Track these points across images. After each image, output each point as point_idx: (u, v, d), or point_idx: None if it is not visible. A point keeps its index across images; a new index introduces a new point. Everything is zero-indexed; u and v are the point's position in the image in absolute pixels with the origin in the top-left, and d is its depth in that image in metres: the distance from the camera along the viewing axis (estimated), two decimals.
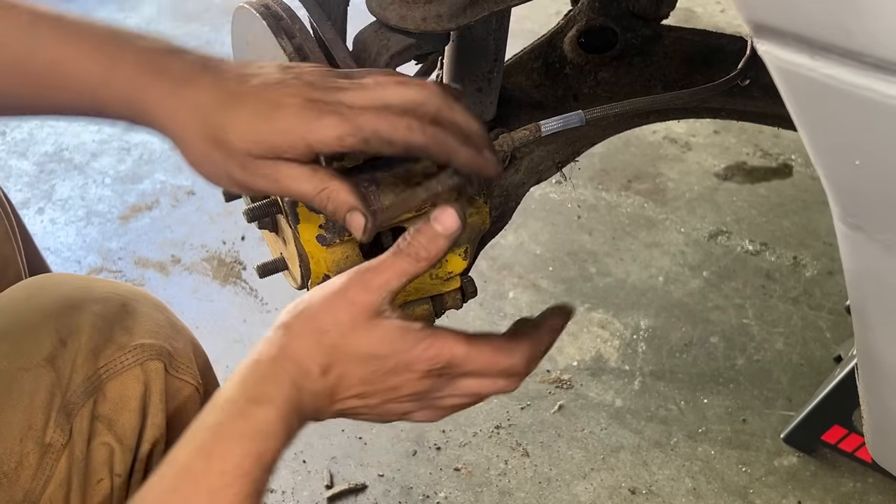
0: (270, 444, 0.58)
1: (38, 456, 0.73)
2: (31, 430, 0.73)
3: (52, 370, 0.75)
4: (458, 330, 0.64)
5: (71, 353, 0.76)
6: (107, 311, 0.79)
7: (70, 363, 0.76)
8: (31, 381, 0.74)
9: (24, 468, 0.73)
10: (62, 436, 0.74)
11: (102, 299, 0.80)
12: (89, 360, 0.76)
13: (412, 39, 0.81)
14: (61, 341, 0.76)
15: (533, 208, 2.01)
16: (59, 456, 0.74)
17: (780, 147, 2.18)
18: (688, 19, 2.66)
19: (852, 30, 0.44)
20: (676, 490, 1.45)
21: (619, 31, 1.12)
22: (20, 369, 0.74)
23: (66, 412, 0.75)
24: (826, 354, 1.65)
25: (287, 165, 0.61)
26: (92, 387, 0.76)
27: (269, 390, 0.59)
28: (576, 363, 1.66)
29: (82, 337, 0.77)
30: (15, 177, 2.18)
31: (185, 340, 0.84)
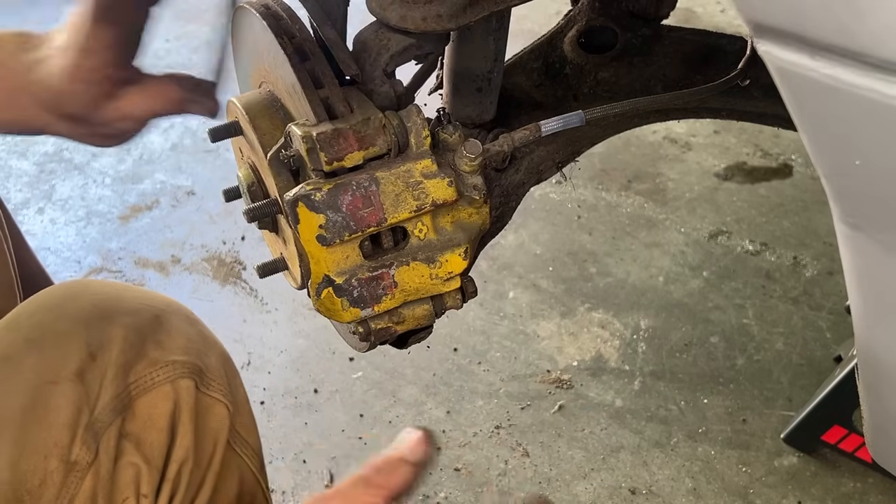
0: None
1: (62, 474, 0.71)
2: (57, 448, 0.71)
3: (81, 385, 0.73)
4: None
5: (100, 367, 0.74)
6: (138, 324, 0.77)
7: (99, 379, 0.74)
8: (58, 395, 0.72)
9: (47, 486, 0.71)
10: (88, 454, 0.72)
11: (134, 311, 0.78)
12: (119, 376, 0.74)
13: (412, 39, 0.81)
14: (91, 355, 0.74)
15: (533, 208, 2.01)
16: (84, 474, 0.72)
17: (780, 147, 2.18)
18: (688, 19, 2.66)
19: (852, 30, 0.44)
20: (676, 490, 1.45)
21: (619, 31, 1.12)
22: (48, 383, 0.72)
23: (94, 431, 0.73)
24: (826, 354, 1.65)
25: (124, 97, 0.72)
26: (121, 405, 0.75)
27: None
28: (576, 363, 1.66)
29: (113, 351, 0.75)
30: (15, 177, 2.18)
31: (217, 355, 0.82)
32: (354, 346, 0.88)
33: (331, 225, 0.73)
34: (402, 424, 1.55)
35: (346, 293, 0.77)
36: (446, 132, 0.79)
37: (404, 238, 0.78)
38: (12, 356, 0.73)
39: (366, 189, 0.73)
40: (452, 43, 0.99)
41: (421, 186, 0.75)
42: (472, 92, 1.02)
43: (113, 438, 0.74)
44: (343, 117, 0.75)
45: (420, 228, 0.78)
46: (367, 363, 1.67)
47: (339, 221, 0.73)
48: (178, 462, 0.77)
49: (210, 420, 0.80)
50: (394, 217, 0.75)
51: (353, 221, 0.73)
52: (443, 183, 0.75)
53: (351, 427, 1.55)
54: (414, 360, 1.66)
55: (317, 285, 0.77)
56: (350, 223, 0.73)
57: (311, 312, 1.74)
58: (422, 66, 1.08)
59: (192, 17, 2.91)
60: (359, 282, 0.77)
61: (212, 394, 0.80)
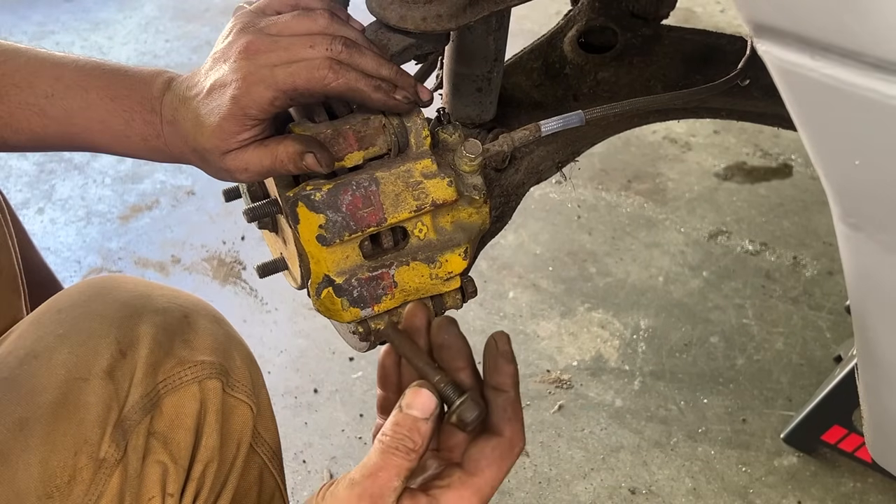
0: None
1: (91, 471, 0.71)
2: (87, 445, 0.71)
3: (111, 382, 0.73)
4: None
5: (130, 365, 0.74)
6: (167, 323, 0.77)
7: (129, 376, 0.74)
8: (88, 392, 0.72)
9: (77, 483, 0.70)
10: (117, 452, 0.72)
11: (163, 310, 0.78)
12: (149, 374, 0.75)
13: (412, 39, 0.81)
14: (121, 352, 0.74)
15: (533, 208, 2.01)
16: (112, 472, 0.72)
17: (780, 147, 2.18)
18: (688, 19, 2.67)
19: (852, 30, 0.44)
20: (676, 490, 1.45)
21: (619, 31, 1.12)
22: (78, 379, 0.72)
23: (123, 429, 0.73)
24: (826, 354, 1.65)
25: (246, 153, 0.72)
26: (150, 403, 0.75)
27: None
28: (576, 363, 1.66)
29: (142, 349, 0.75)
30: (15, 177, 2.18)
31: (243, 356, 0.82)
32: (354, 346, 0.89)
33: (331, 225, 0.73)
34: None
35: (346, 293, 0.77)
36: (446, 132, 0.79)
37: (404, 238, 0.78)
38: (42, 352, 0.73)
39: (366, 189, 0.73)
40: (452, 43, 0.99)
41: (421, 186, 0.75)
42: (472, 92, 1.02)
43: (142, 437, 0.74)
44: (343, 117, 0.75)
45: (420, 228, 0.78)
46: (367, 363, 1.67)
47: (339, 221, 0.73)
48: (204, 462, 0.78)
49: (234, 421, 0.81)
50: (394, 217, 0.75)
51: (353, 221, 0.74)
52: (443, 183, 0.75)
53: (351, 427, 1.55)
54: None
55: (317, 285, 0.77)
56: (350, 223, 0.73)
57: (311, 312, 1.74)
58: (422, 66, 1.08)
59: (192, 17, 2.91)
60: (359, 282, 0.77)
61: (237, 395, 0.80)
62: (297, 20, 0.73)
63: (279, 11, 0.75)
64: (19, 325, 0.79)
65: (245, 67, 0.70)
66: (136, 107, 0.75)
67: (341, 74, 0.70)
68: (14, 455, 0.69)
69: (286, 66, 0.70)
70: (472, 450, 0.62)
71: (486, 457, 0.62)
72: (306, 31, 0.73)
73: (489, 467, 0.62)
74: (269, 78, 0.69)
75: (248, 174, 0.73)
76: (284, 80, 0.69)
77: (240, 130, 0.71)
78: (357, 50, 0.73)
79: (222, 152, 0.72)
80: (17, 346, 0.75)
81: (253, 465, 0.84)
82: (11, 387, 0.72)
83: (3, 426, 0.70)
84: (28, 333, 0.76)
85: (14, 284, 0.89)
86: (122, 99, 0.75)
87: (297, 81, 0.69)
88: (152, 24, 2.85)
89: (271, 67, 0.70)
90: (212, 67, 0.73)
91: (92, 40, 2.78)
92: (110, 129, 0.76)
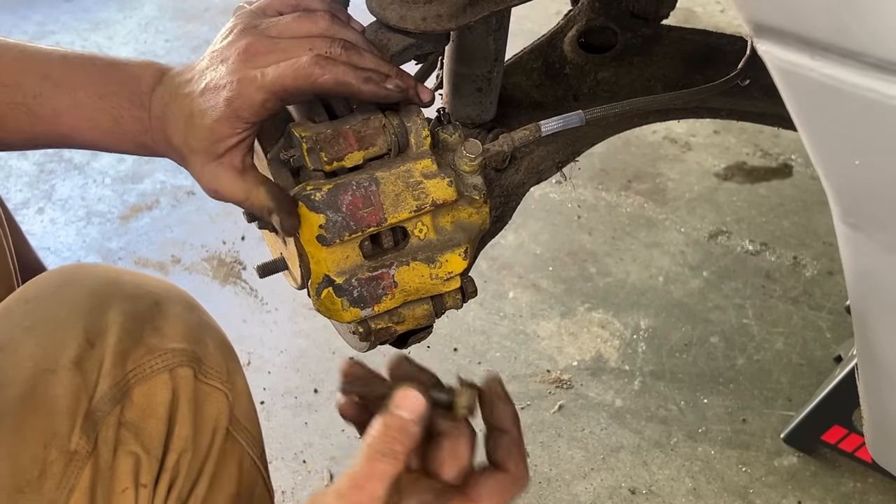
0: None
1: (62, 464, 0.70)
2: (56, 437, 0.70)
3: (79, 373, 0.72)
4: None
5: (98, 355, 0.73)
6: (137, 311, 0.76)
7: (97, 366, 0.73)
8: (56, 385, 0.71)
9: (47, 477, 0.69)
10: (87, 444, 0.71)
11: (132, 297, 0.77)
12: (118, 364, 0.74)
13: (412, 39, 0.81)
14: (89, 342, 0.73)
15: (533, 208, 2.01)
16: (83, 464, 0.71)
17: (780, 147, 2.18)
18: (688, 19, 2.67)
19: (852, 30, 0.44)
20: (676, 490, 1.45)
21: (619, 31, 1.12)
22: (46, 371, 0.71)
23: (93, 420, 0.72)
24: (826, 354, 1.65)
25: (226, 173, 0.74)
26: (119, 393, 0.74)
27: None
28: (576, 363, 1.66)
29: (110, 338, 0.74)
30: (15, 177, 2.18)
31: (216, 342, 0.82)
32: (354, 346, 0.88)
33: (331, 225, 0.73)
34: None
35: (346, 293, 0.77)
36: (446, 132, 0.79)
37: (404, 238, 0.78)
38: (7, 345, 0.72)
39: (366, 189, 0.73)
40: (452, 43, 0.99)
41: (421, 186, 0.75)
42: (472, 92, 1.02)
43: (112, 428, 0.73)
44: (343, 117, 0.75)
45: (420, 228, 0.78)
46: (367, 363, 1.66)
47: (339, 221, 0.73)
48: (177, 452, 0.77)
49: (208, 409, 0.80)
50: (394, 217, 0.75)
51: (353, 221, 0.74)
52: (443, 183, 0.75)
53: (351, 427, 1.55)
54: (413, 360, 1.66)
55: (317, 285, 0.77)
56: (350, 223, 0.73)
57: (311, 312, 1.74)
58: (422, 66, 1.08)
59: (192, 17, 2.91)
60: (359, 282, 0.77)
61: (210, 382, 0.80)
62: (297, 22, 0.73)
63: (281, 12, 0.75)
64: None
65: (241, 70, 0.70)
66: (124, 104, 0.75)
67: (328, 69, 0.70)
68: None
69: (276, 67, 0.70)
70: (478, 478, 0.62)
71: (490, 487, 0.62)
72: (306, 33, 0.73)
73: (490, 497, 0.62)
74: (259, 79, 0.69)
75: (217, 196, 0.75)
76: (273, 81, 0.69)
77: (231, 134, 0.71)
78: (356, 52, 0.72)
79: (210, 155, 0.72)
80: None
81: (232, 452, 0.83)
82: None
83: None
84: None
85: (9, 284, 0.89)
86: (110, 96, 0.75)
87: (285, 81, 0.69)
88: (152, 24, 2.85)
89: (263, 69, 0.70)
90: (209, 66, 0.73)
91: (92, 40, 2.78)
92: (99, 126, 0.75)
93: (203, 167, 0.74)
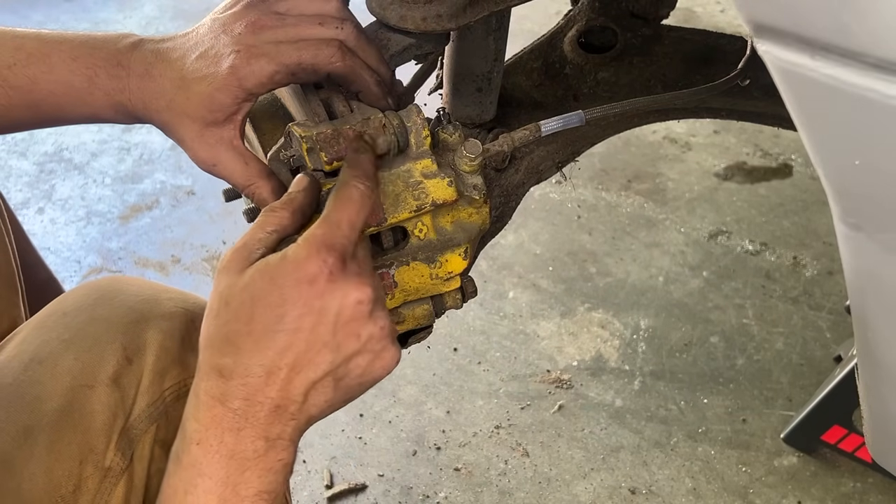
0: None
1: (97, 480, 0.70)
2: (92, 453, 0.71)
3: (117, 390, 0.72)
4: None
5: (136, 372, 0.74)
6: (174, 329, 0.77)
7: (135, 384, 0.73)
8: (94, 400, 0.71)
9: (82, 493, 0.70)
10: (122, 461, 0.72)
11: (170, 315, 0.77)
12: (155, 382, 0.74)
13: (412, 39, 0.81)
14: (127, 359, 0.74)
15: (533, 208, 2.01)
16: (117, 481, 0.71)
17: (780, 147, 2.18)
18: (688, 19, 2.66)
19: (852, 30, 0.44)
20: (676, 490, 1.45)
21: (619, 31, 1.12)
22: (84, 386, 0.72)
23: (129, 437, 0.72)
24: (826, 354, 1.65)
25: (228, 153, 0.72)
26: (157, 412, 0.74)
27: None
28: (576, 363, 1.66)
29: (149, 356, 0.74)
30: (15, 177, 2.18)
31: None
32: None
33: None
34: (403, 424, 1.55)
35: None
36: (446, 132, 0.79)
37: (404, 238, 0.78)
38: (46, 358, 0.72)
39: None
40: (452, 43, 0.99)
41: (421, 186, 0.75)
42: (472, 92, 1.02)
43: (147, 446, 0.73)
44: (343, 117, 0.75)
45: (420, 228, 0.77)
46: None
47: None
48: None
49: None
50: (394, 217, 0.75)
51: None
52: (443, 183, 0.75)
53: (351, 427, 1.55)
54: (414, 360, 1.66)
55: None
56: None
57: None
58: (422, 66, 1.08)
59: (193, 17, 2.91)
60: None
61: None
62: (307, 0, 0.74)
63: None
64: (22, 327, 0.78)
65: (248, 41, 0.70)
66: (99, 63, 0.73)
67: (348, 58, 0.71)
68: (19, 464, 0.68)
69: (293, 43, 0.70)
70: None
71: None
72: (317, 11, 0.73)
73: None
74: (272, 52, 0.70)
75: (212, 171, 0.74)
76: (289, 55, 0.69)
77: (232, 102, 0.70)
78: (365, 38, 0.74)
79: (203, 123, 0.71)
80: (22, 350, 0.74)
81: None
82: (16, 393, 0.71)
83: (7, 434, 0.69)
84: (32, 337, 0.75)
85: (11, 281, 0.89)
86: (84, 58, 0.73)
87: (303, 57, 0.70)
88: (152, 24, 2.85)
89: (276, 43, 0.70)
90: (209, 34, 0.72)
91: None
92: (73, 88, 0.73)
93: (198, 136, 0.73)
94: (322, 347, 0.61)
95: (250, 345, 0.60)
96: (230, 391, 0.60)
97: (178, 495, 0.61)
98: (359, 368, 0.63)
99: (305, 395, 0.62)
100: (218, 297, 0.62)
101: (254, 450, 0.61)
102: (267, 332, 0.60)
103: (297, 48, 0.70)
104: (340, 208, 0.63)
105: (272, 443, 0.62)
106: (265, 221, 0.64)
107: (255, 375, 0.60)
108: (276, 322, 0.59)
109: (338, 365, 0.62)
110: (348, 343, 0.62)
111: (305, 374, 0.61)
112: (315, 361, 0.61)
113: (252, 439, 0.61)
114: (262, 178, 0.74)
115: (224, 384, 0.60)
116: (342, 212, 0.63)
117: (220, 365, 0.60)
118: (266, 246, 0.63)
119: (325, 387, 0.63)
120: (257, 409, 0.60)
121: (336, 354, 0.61)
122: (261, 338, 0.60)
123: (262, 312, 0.60)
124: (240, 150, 0.73)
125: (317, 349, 0.61)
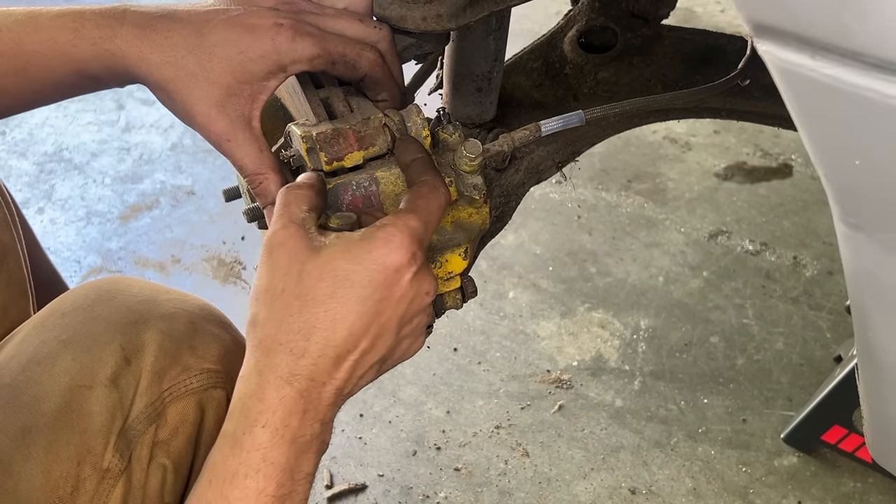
0: None
1: (95, 481, 0.70)
2: (90, 454, 0.70)
3: (115, 391, 0.72)
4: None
5: (135, 373, 0.73)
6: (173, 330, 0.76)
7: (133, 385, 0.73)
8: (92, 401, 0.71)
9: (80, 493, 0.70)
10: (121, 462, 0.71)
11: (169, 315, 0.77)
12: (154, 383, 0.73)
13: (412, 39, 0.81)
14: (126, 360, 0.73)
15: (533, 208, 2.01)
16: (115, 482, 0.71)
17: (780, 147, 2.18)
18: (688, 19, 2.66)
19: (853, 30, 0.44)
20: (676, 490, 1.45)
21: (619, 31, 1.12)
22: (82, 387, 0.71)
23: (127, 438, 0.72)
24: (826, 354, 1.65)
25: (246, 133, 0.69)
26: (155, 413, 0.74)
27: None
28: (576, 363, 1.66)
29: (147, 357, 0.74)
30: (15, 177, 2.18)
31: None
32: None
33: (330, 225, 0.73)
34: (402, 424, 1.55)
35: None
36: (446, 132, 0.79)
37: None
38: (44, 358, 0.72)
39: (366, 189, 0.73)
40: (452, 43, 0.99)
41: None
42: (472, 92, 1.02)
43: (146, 447, 0.73)
44: (343, 117, 0.75)
45: None
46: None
47: None
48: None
49: None
50: None
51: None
52: None
53: (351, 427, 1.55)
54: (414, 360, 1.66)
55: None
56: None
57: None
58: (422, 66, 1.08)
59: None
60: None
61: None
62: None
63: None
64: (21, 328, 0.78)
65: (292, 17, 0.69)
66: (87, 14, 0.69)
67: (386, 69, 0.73)
68: (16, 464, 0.68)
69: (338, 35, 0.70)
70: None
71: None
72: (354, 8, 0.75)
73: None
74: (319, 36, 0.69)
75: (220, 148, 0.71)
76: (336, 45, 0.69)
77: (262, 76, 0.68)
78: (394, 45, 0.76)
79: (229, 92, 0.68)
80: (20, 350, 0.74)
81: None
82: (14, 394, 0.71)
83: (5, 435, 0.69)
84: (31, 338, 0.74)
85: (22, 288, 0.88)
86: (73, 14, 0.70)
87: (348, 52, 0.70)
88: None
89: (321, 30, 0.70)
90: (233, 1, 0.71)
91: None
92: (58, 43, 0.69)
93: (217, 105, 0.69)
94: (387, 333, 0.62)
95: (327, 323, 0.60)
96: (298, 370, 0.60)
97: (237, 479, 0.60)
98: (401, 352, 0.66)
99: (361, 377, 0.63)
100: (283, 275, 0.61)
101: (311, 433, 0.61)
102: (347, 315, 0.60)
103: (343, 42, 0.70)
104: (430, 208, 0.64)
105: (326, 426, 0.63)
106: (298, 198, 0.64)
107: (326, 356, 0.60)
108: (359, 303, 0.60)
109: (392, 350, 0.64)
110: (405, 331, 0.64)
111: (369, 358, 0.62)
112: (377, 346, 0.62)
113: (312, 423, 0.61)
114: (273, 171, 0.72)
115: (293, 363, 0.60)
116: (433, 210, 0.64)
117: (290, 342, 0.60)
118: (314, 225, 0.63)
119: (373, 369, 0.64)
120: (322, 390, 0.61)
121: (394, 341, 0.63)
122: (338, 318, 0.60)
123: (344, 293, 0.60)
124: (257, 133, 0.71)
125: (384, 335, 0.62)
